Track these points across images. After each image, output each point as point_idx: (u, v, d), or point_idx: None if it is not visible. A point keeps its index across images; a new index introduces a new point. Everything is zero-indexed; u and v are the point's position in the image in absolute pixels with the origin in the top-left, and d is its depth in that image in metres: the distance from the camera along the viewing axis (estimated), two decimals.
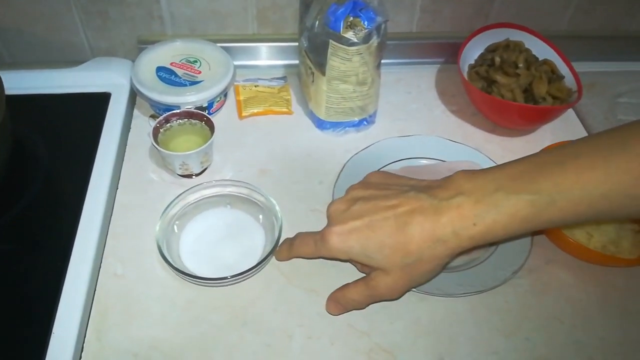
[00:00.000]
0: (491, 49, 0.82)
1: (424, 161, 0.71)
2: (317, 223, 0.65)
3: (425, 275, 0.51)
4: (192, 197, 0.61)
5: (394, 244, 0.48)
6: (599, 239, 0.59)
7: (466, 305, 0.58)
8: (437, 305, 0.58)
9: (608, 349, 0.55)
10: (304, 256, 0.57)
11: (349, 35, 0.64)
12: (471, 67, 0.82)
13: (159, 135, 0.66)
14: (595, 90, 0.85)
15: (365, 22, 0.64)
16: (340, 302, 0.55)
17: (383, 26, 0.66)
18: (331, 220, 0.53)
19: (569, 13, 0.88)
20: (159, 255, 0.55)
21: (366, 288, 0.52)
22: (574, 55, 0.89)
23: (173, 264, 0.54)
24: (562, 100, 0.74)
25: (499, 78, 0.75)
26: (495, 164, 0.69)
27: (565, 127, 0.79)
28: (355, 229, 0.50)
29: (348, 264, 0.60)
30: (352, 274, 0.59)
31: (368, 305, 0.55)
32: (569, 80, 0.77)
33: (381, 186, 0.54)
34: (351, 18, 0.64)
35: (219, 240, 0.60)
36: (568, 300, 0.59)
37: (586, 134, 0.79)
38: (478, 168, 0.69)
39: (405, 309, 0.57)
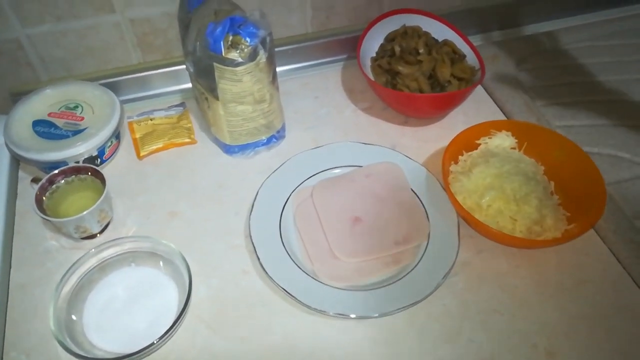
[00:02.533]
0: (390, 38, 0.79)
1: (339, 170, 0.67)
2: (240, 261, 0.60)
3: None
4: (88, 265, 0.55)
5: None
6: (523, 222, 0.58)
7: (406, 318, 0.55)
8: (376, 326, 0.55)
9: (550, 331, 0.54)
10: None
11: (233, 55, 0.59)
12: (373, 60, 0.79)
13: (45, 200, 0.59)
14: (498, 61, 0.84)
15: (248, 39, 0.59)
16: None
17: (268, 39, 0.61)
18: None
19: None
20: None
21: None
22: (473, 29, 0.88)
23: (77, 351, 0.48)
24: (467, 80, 0.73)
25: (401, 69, 0.72)
26: (410, 160, 0.67)
27: (476, 105, 0.78)
28: None
29: (279, 305, 0.56)
30: (284, 310, 0.56)
31: None
32: (471, 58, 0.75)
33: None
34: (231, 37, 0.59)
35: (127, 305, 0.55)
36: (504, 289, 0.58)
37: (497, 108, 0.78)
38: (396, 169, 0.66)
39: (345, 337, 0.54)
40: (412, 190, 0.65)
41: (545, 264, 0.60)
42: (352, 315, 0.53)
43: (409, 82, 0.72)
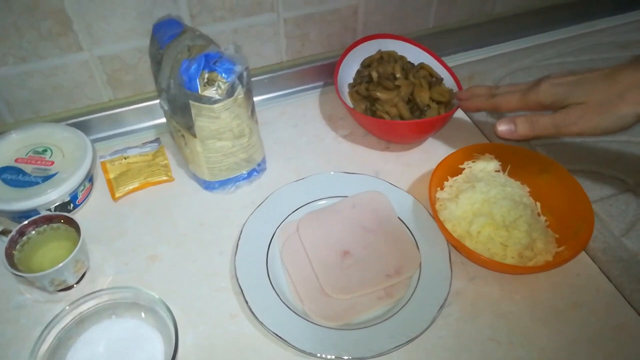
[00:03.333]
0: (366, 64, 0.79)
1: (324, 202, 0.66)
2: (226, 304, 0.58)
3: (614, 120, 0.53)
4: (65, 322, 0.51)
5: (600, 85, 0.53)
6: (514, 247, 0.57)
7: (402, 355, 0.54)
8: None
9: (550, 357, 0.54)
10: (505, 108, 0.63)
11: (210, 93, 0.58)
12: (351, 86, 0.78)
13: (15, 254, 0.56)
14: (475, 81, 0.84)
15: (224, 75, 0.57)
16: (531, 123, 0.58)
17: (245, 73, 0.60)
18: (544, 78, 0.59)
19: (432, 9, 0.87)
20: None
21: (558, 115, 0.56)
22: (447, 50, 0.89)
23: None
24: (445, 103, 0.73)
25: (380, 95, 0.72)
26: (395, 188, 0.66)
27: (456, 127, 0.78)
28: (568, 82, 0.56)
29: (271, 349, 0.54)
30: (277, 354, 0.53)
31: (552, 134, 0.57)
32: (448, 81, 0.75)
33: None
34: (207, 74, 0.57)
35: None
36: (499, 315, 0.57)
37: (477, 129, 0.78)
38: (381, 197, 0.65)
39: None
40: (399, 219, 0.64)
41: (537, 287, 0.59)
42: (347, 357, 0.51)
43: (389, 107, 0.71)
